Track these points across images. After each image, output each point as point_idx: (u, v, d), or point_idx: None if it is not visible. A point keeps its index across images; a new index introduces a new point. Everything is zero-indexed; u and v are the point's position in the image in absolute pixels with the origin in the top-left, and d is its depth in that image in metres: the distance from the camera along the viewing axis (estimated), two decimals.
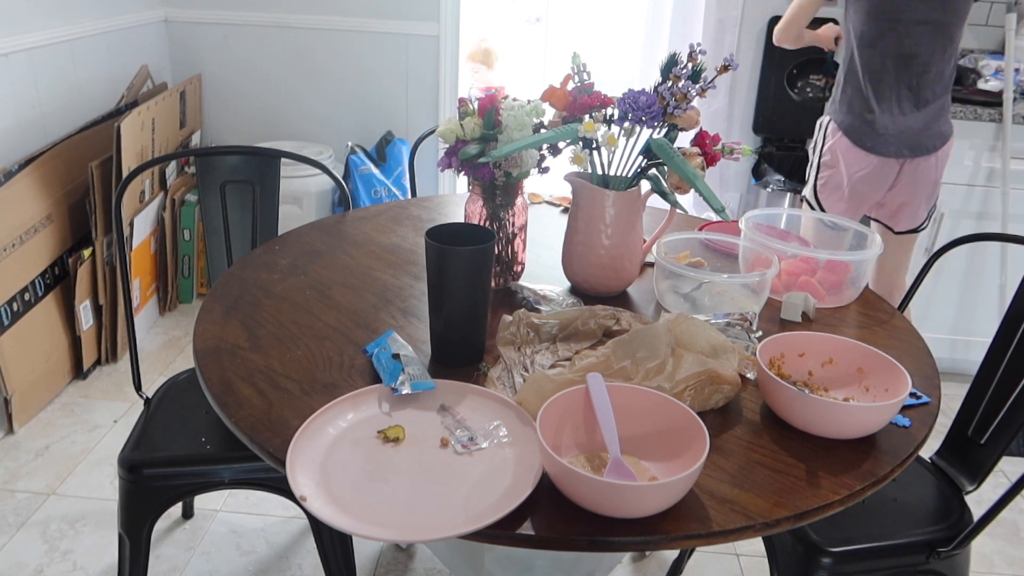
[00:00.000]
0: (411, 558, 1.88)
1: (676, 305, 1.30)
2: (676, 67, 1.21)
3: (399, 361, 1.06)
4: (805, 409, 0.98)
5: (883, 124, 2.06)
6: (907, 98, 2.04)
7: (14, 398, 2.18)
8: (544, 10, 4.87)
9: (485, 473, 0.90)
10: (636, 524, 0.83)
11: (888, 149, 2.07)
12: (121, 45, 2.86)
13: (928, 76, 2.02)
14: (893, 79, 2.03)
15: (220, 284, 1.33)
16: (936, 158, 2.09)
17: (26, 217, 2.23)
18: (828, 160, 2.18)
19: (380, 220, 1.67)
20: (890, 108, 2.05)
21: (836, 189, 2.17)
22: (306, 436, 0.94)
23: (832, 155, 2.16)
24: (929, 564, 1.29)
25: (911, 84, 2.03)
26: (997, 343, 1.41)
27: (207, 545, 1.89)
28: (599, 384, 0.97)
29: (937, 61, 2.01)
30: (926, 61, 2.00)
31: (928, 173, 2.11)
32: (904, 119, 2.05)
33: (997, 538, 2.05)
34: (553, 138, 1.23)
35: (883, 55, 2.02)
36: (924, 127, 2.05)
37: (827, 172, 2.20)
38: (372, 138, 3.23)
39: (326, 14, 3.08)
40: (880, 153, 2.07)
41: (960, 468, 1.43)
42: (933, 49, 2.00)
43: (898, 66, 2.02)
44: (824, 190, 2.21)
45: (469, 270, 1.06)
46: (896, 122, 2.05)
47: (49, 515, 1.94)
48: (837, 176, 2.16)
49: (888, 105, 2.05)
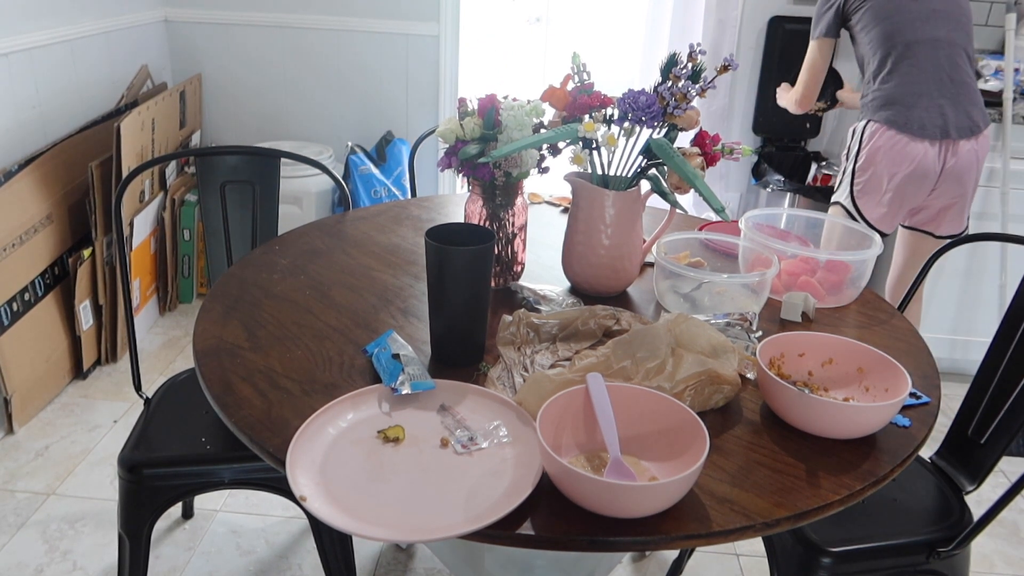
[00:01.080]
0: (411, 558, 1.88)
1: (676, 305, 1.30)
2: (676, 67, 1.21)
3: (399, 361, 1.06)
4: (805, 409, 0.98)
5: (920, 114, 2.06)
6: (938, 86, 2.05)
7: (14, 398, 2.18)
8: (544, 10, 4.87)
9: (485, 473, 0.90)
10: (636, 524, 0.83)
11: (933, 132, 2.05)
12: (121, 45, 2.86)
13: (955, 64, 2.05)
14: (921, 72, 2.06)
15: (220, 284, 1.33)
16: (977, 145, 2.08)
17: (26, 217, 2.23)
18: (864, 164, 2.13)
19: (380, 220, 1.67)
20: (926, 96, 2.06)
21: (875, 192, 2.12)
22: (306, 436, 0.94)
23: (870, 157, 2.11)
24: (929, 564, 1.29)
25: (939, 75, 2.05)
26: (997, 343, 1.41)
27: (207, 545, 1.89)
28: (599, 384, 0.97)
29: (959, 47, 2.05)
30: (948, 51, 2.04)
31: (970, 167, 2.09)
32: (940, 106, 2.05)
33: (997, 538, 2.05)
34: (553, 138, 1.23)
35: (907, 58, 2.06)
36: (961, 112, 2.06)
37: (864, 176, 2.14)
38: (372, 138, 3.23)
39: (326, 14, 3.08)
40: (925, 136, 2.05)
41: (960, 468, 1.43)
42: (951, 36, 2.04)
43: (925, 58, 2.05)
44: (862, 195, 2.15)
45: (469, 270, 1.06)
46: (933, 109, 2.05)
47: (49, 515, 1.94)
48: (875, 179, 2.11)
49: (922, 93, 2.06)
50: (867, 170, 2.13)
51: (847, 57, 2.53)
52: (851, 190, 2.18)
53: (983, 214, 2.57)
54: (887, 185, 2.11)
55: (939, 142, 2.06)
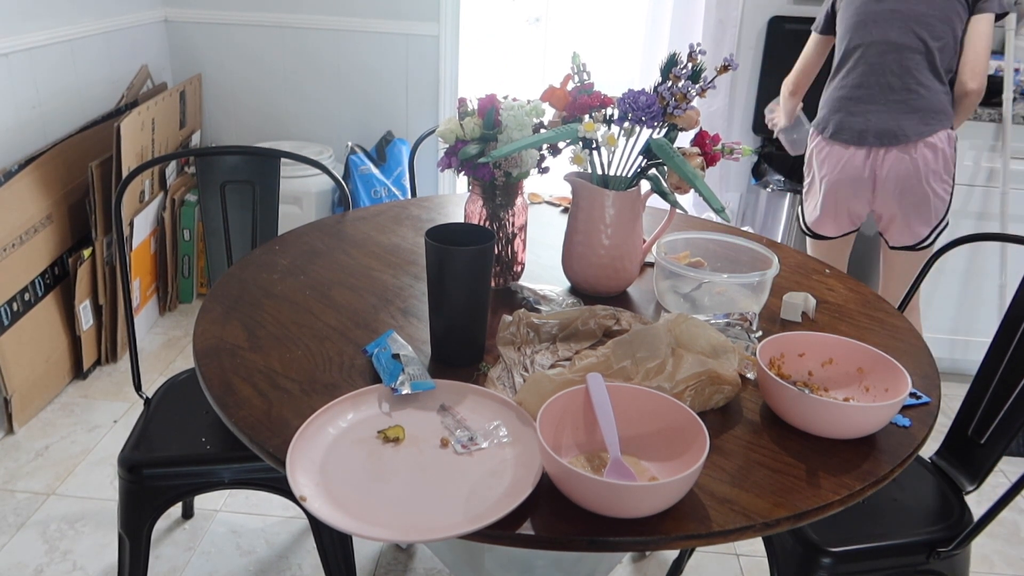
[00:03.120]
0: (411, 558, 1.88)
1: (676, 305, 1.30)
2: (676, 67, 1.21)
3: (399, 361, 1.06)
4: (805, 409, 0.98)
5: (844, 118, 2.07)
6: (880, 91, 2.05)
7: (14, 398, 2.18)
8: (544, 10, 4.87)
9: (485, 473, 0.90)
10: (636, 524, 0.83)
11: (850, 137, 2.06)
12: (121, 45, 2.86)
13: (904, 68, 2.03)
14: (864, 76, 2.06)
15: (220, 284, 1.33)
16: (911, 157, 2.02)
17: (26, 217, 2.23)
18: (805, 167, 2.20)
19: (380, 220, 1.67)
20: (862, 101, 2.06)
21: (812, 196, 2.18)
22: (306, 436, 0.94)
23: (808, 160, 2.19)
24: (929, 564, 1.29)
25: (882, 79, 2.04)
26: (997, 343, 1.41)
27: (207, 545, 1.89)
28: (599, 384, 0.97)
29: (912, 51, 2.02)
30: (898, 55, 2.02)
31: (906, 176, 2.04)
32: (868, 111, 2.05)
33: (997, 538, 2.05)
34: (553, 138, 1.23)
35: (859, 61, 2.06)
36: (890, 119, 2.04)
37: (807, 180, 2.22)
38: (372, 138, 3.23)
39: (326, 14, 3.08)
40: (844, 141, 2.06)
41: (960, 468, 1.43)
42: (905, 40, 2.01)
43: (873, 61, 2.04)
44: (806, 199, 2.24)
45: (469, 270, 1.06)
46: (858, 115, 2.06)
47: (49, 515, 1.94)
48: (814, 183, 2.17)
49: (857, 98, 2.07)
50: (807, 174, 2.21)
51: None
52: (802, 195, 2.27)
53: (983, 214, 2.57)
54: (820, 187, 2.16)
55: (865, 148, 2.06)
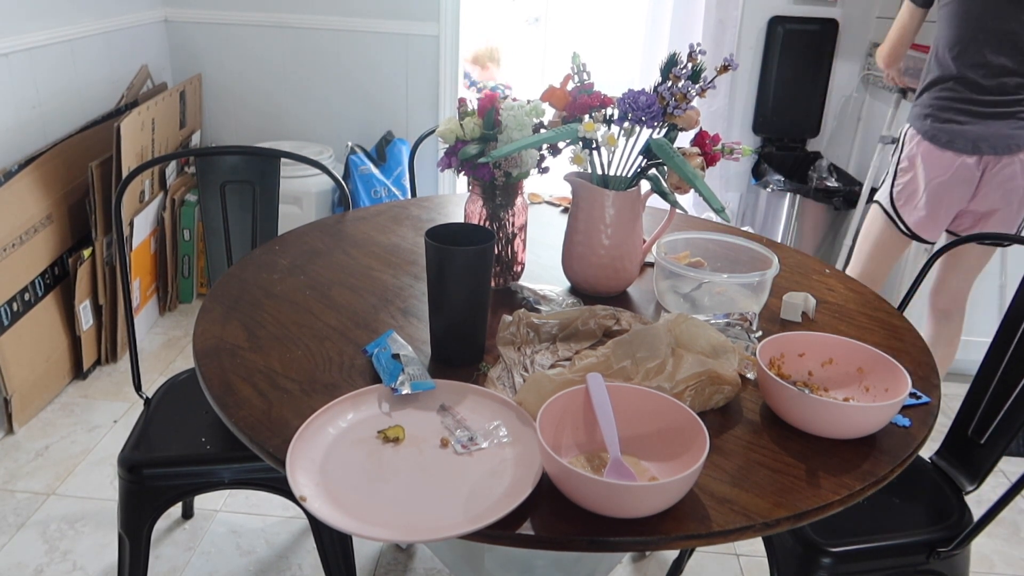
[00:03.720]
0: (411, 558, 1.88)
1: (676, 305, 1.30)
2: (676, 67, 1.21)
3: (399, 361, 1.06)
4: (805, 409, 0.98)
5: (963, 128, 2.01)
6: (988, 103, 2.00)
7: (14, 398, 2.18)
8: (544, 10, 4.87)
9: (485, 473, 0.90)
10: (636, 524, 0.83)
11: (967, 147, 2.01)
12: (121, 45, 2.86)
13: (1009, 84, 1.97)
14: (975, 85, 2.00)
15: (220, 284, 1.33)
16: (1020, 162, 2.01)
17: (26, 217, 2.23)
18: (905, 167, 2.12)
19: (380, 220, 1.67)
20: (970, 112, 2.01)
21: (912, 196, 2.12)
22: (306, 436, 0.94)
23: (910, 161, 2.10)
24: (929, 564, 1.29)
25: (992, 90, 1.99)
26: (997, 343, 1.41)
27: (207, 545, 1.89)
28: (599, 384, 0.97)
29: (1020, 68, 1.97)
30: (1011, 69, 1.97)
31: (1016, 179, 2.03)
32: (984, 123, 2.00)
33: (997, 538, 2.05)
34: (553, 138, 1.23)
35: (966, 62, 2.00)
36: (1007, 130, 2.00)
37: (904, 179, 2.13)
38: (372, 138, 3.23)
39: (326, 14, 3.09)
40: (958, 150, 2.01)
41: (960, 468, 1.43)
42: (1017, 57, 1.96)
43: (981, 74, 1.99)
44: (900, 197, 2.15)
45: (469, 270, 1.06)
46: (976, 125, 2.01)
47: (49, 515, 1.94)
48: (913, 183, 2.10)
49: (968, 109, 2.01)
50: (906, 173, 2.12)
51: None
52: (891, 192, 2.17)
53: None
54: (923, 188, 2.09)
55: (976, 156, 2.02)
